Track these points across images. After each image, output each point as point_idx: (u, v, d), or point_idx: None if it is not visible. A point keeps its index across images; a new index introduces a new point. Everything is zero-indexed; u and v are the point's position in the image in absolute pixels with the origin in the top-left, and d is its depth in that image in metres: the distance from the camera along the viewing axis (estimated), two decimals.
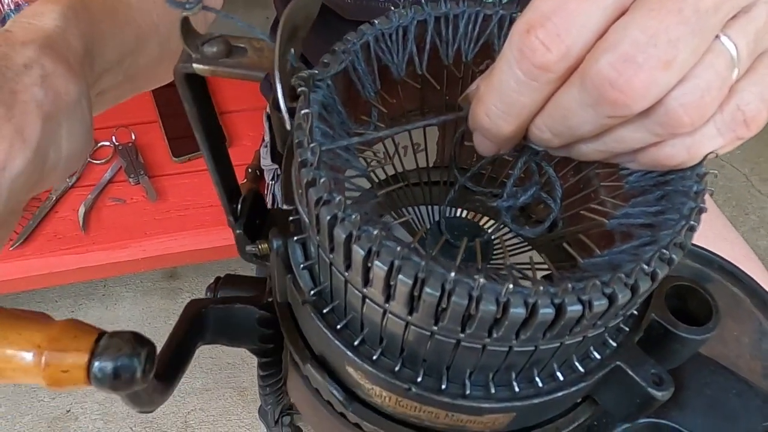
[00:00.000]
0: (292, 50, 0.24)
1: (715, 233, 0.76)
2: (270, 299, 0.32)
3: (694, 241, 0.40)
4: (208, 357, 1.36)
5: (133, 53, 0.41)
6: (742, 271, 0.40)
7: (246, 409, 1.31)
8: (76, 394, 1.29)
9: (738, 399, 0.32)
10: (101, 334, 0.23)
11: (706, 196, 0.23)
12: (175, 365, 0.29)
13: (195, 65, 0.24)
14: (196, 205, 1.03)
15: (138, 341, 0.23)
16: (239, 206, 0.32)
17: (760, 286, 0.39)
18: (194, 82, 0.25)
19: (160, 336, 1.21)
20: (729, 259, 0.41)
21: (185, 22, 0.23)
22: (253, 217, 0.32)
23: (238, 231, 0.32)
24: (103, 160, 1.08)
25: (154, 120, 1.14)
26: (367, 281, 0.21)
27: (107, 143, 1.10)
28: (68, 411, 1.28)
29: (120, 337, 0.23)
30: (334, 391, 0.27)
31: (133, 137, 1.12)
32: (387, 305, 0.22)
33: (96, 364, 0.22)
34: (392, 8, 0.28)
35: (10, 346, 0.22)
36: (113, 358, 0.22)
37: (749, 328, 0.38)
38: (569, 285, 0.19)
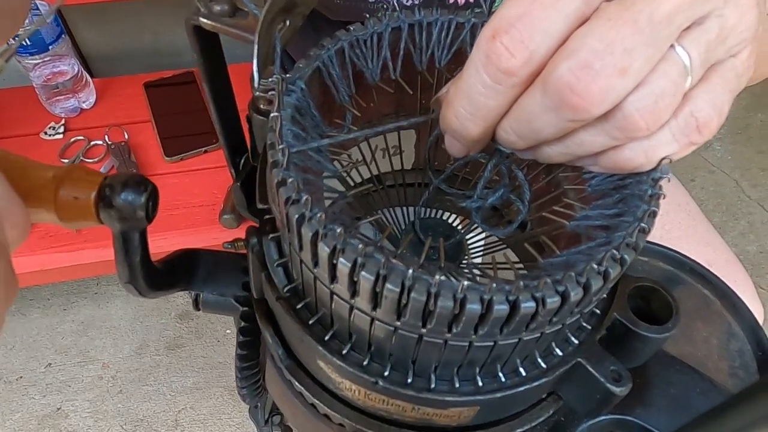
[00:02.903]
0: (287, 22, 0.25)
1: (697, 238, 0.77)
2: None
3: (677, 246, 0.41)
4: (200, 356, 1.37)
5: None
6: (713, 274, 0.41)
7: (237, 409, 1.31)
8: (66, 392, 1.30)
9: (702, 397, 0.33)
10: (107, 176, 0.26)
11: (693, 205, 0.24)
12: (157, 282, 0.31)
13: (201, 19, 0.25)
14: (187, 205, 1.04)
15: (143, 180, 0.25)
16: (242, 162, 0.33)
17: (730, 289, 0.40)
18: (202, 35, 0.26)
19: (152, 334, 1.21)
20: (710, 264, 0.41)
21: None
22: (253, 177, 0.33)
23: (236, 183, 0.33)
24: (95, 159, 1.09)
25: (146, 119, 1.15)
26: (333, 278, 0.22)
27: (100, 142, 1.11)
28: (59, 408, 1.28)
29: (126, 175, 0.25)
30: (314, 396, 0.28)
31: (126, 136, 1.12)
32: (353, 301, 0.22)
33: (105, 194, 0.24)
34: (382, 8, 0.29)
35: (29, 178, 0.24)
36: (120, 191, 0.24)
37: (718, 330, 0.39)
38: (522, 283, 0.20)
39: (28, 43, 1.05)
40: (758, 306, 0.70)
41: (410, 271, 0.20)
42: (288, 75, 0.25)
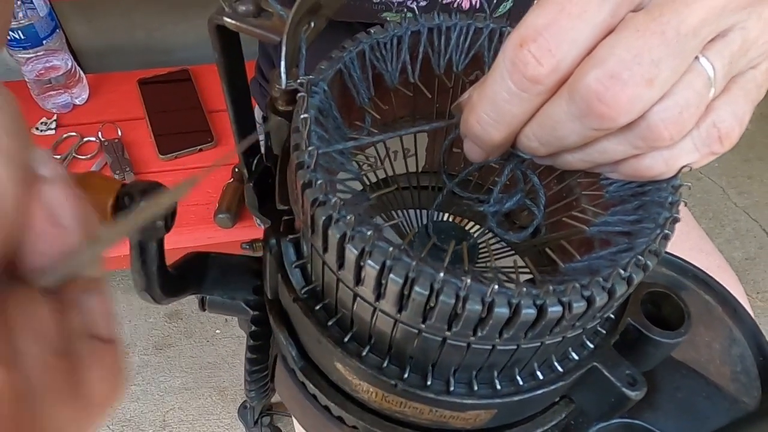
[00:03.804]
0: (312, 23, 0.25)
1: (691, 245, 0.78)
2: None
3: (671, 251, 0.42)
4: (188, 356, 1.36)
5: None
6: (715, 280, 0.42)
7: (225, 409, 1.30)
8: None
9: (707, 401, 0.33)
10: (125, 183, 0.25)
11: (685, 211, 0.24)
12: (171, 289, 0.31)
13: (225, 18, 0.25)
14: (181, 203, 1.03)
15: (161, 187, 0.24)
16: (255, 162, 0.33)
17: (731, 295, 0.41)
18: (225, 34, 0.26)
19: (140, 334, 1.20)
20: (704, 270, 0.42)
21: None
22: (265, 177, 0.33)
23: (249, 183, 0.33)
24: (88, 156, 1.08)
25: (141, 117, 1.14)
26: (359, 280, 0.22)
27: (93, 139, 1.10)
28: None
29: (145, 183, 0.24)
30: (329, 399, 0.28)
31: (120, 133, 1.11)
32: (377, 303, 0.23)
33: (123, 202, 0.24)
34: (384, 10, 0.29)
35: None
36: (140, 199, 0.24)
37: (720, 335, 0.40)
38: (551, 287, 0.20)
39: (22, 36, 1.03)
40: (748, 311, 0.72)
41: (440, 274, 0.20)
42: (312, 77, 0.25)
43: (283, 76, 0.23)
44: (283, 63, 0.23)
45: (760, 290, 1.54)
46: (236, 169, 1.07)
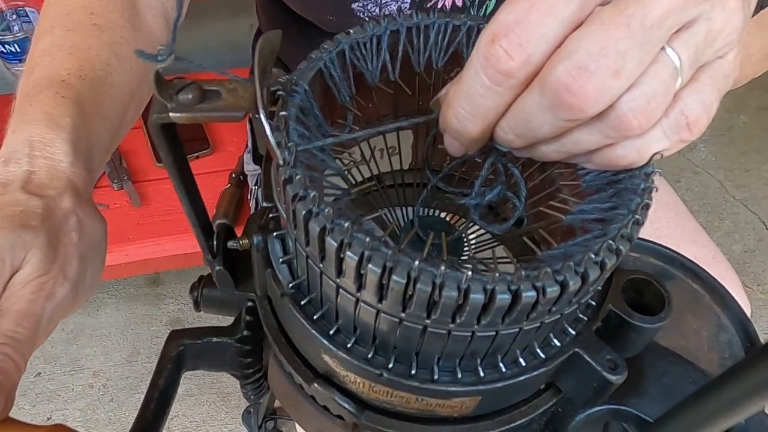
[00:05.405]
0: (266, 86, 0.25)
1: (686, 236, 0.79)
2: (245, 332, 0.35)
3: (666, 244, 0.42)
4: None
5: (118, 131, 0.44)
6: (702, 269, 0.42)
7: (229, 415, 1.31)
8: (56, 401, 1.29)
9: (694, 387, 0.33)
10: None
11: (680, 204, 0.25)
12: (161, 410, 0.32)
13: (171, 114, 0.24)
14: (179, 210, 1.04)
15: None
16: (214, 243, 0.33)
17: (719, 283, 0.41)
18: (170, 131, 0.26)
19: (143, 342, 1.20)
20: (697, 261, 0.43)
21: (158, 75, 0.23)
22: (229, 250, 0.34)
23: (218, 268, 0.33)
24: None
25: (137, 126, 1.15)
26: (340, 272, 0.23)
27: None
28: (49, 418, 1.27)
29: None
30: (344, 404, 0.28)
31: None
32: (359, 294, 0.23)
33: None
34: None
35: None
36: None
37: (708, 322, 0.40)
38: (523, 273, 0.21)
39: (18, 49, 1.04)
40: (745, 302, 0.72)
41: (416, 262, 0.20)
42: (291, 76, 0.26)
43: (278, 152, 0.23)
44: (269, 134, 0.23)
45: (760, 282, 1.54)
46: (233, 175, 1.07)
